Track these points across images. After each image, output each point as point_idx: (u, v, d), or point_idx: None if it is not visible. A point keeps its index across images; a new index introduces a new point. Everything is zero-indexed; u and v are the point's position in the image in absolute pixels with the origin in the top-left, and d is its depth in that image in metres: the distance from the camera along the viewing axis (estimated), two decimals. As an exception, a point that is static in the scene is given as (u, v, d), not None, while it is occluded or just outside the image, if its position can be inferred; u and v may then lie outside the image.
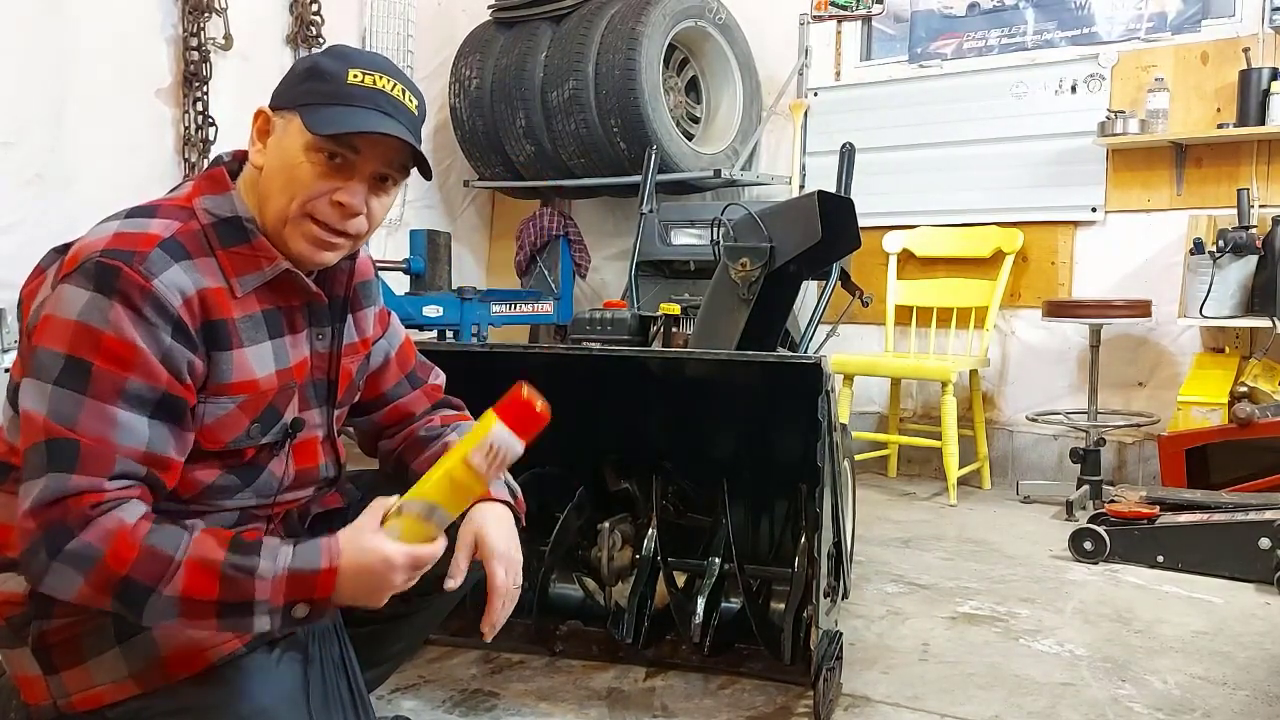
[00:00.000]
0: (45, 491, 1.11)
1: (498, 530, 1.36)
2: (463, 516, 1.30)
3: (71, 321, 1.14)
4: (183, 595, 1.12)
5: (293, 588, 1.14)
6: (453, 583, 1.31)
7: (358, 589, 1.17)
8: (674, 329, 2.78)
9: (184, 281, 1.19)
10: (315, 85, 1.26)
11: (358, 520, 1.20)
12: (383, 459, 1.58)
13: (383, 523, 1.18)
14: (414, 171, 1.33)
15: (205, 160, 3.81)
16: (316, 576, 1.15)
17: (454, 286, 4.19)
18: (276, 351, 1.30)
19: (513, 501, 1.44)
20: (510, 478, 1.46)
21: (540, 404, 1.14)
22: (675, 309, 2.78)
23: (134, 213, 1.24)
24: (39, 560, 1.11)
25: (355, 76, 1.25)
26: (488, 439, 1.13)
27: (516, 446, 1.15)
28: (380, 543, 1.16)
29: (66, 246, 1.23)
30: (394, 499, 1.20)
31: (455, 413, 1.58)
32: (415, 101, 1.30)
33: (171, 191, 1.32)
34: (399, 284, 4.12)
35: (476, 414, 1.38)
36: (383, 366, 1.53)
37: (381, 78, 1.27)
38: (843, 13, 4.48)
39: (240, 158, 1.34)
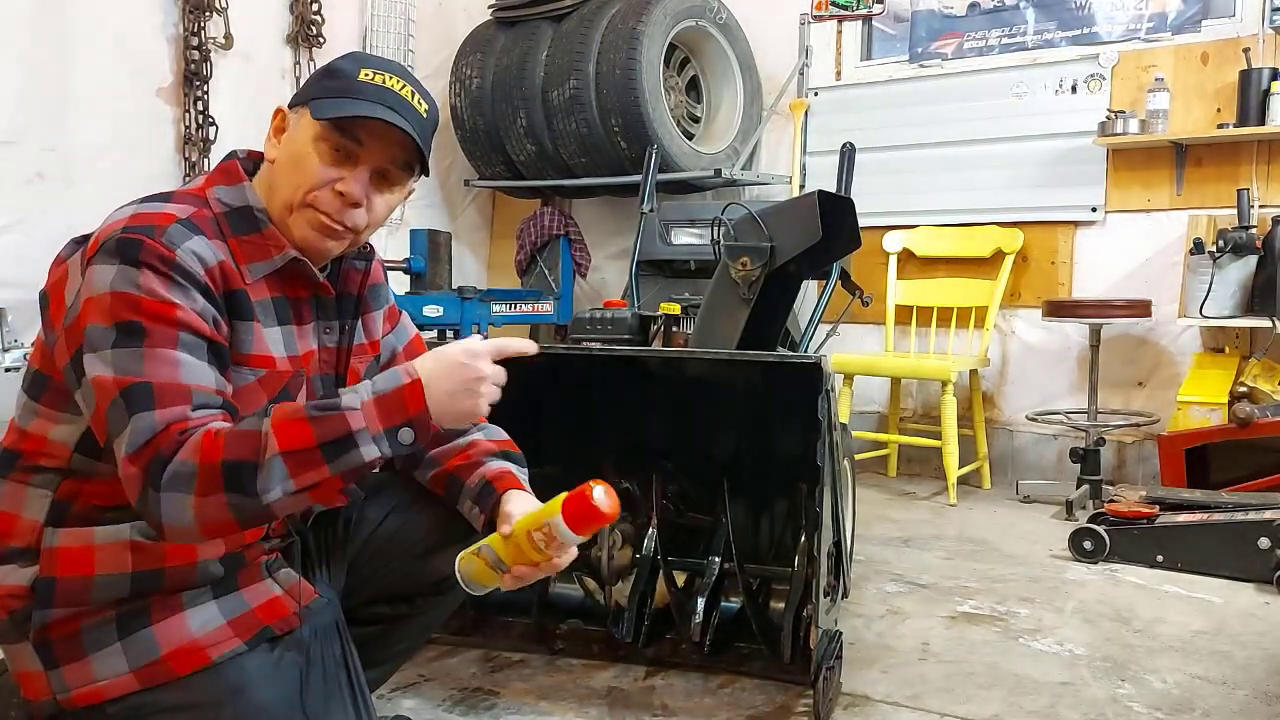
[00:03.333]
0: (135, 435, 1.14)
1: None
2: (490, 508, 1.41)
3: (107, 294, 1.17)
4: (284, 451, 1.13)
5: (384, 410, 1.17)
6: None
7: (452, 392, 1.20)
8: (674, 329, 2.78)
9: (204, 251, 1.23)
10: (327, 82, 1.31)
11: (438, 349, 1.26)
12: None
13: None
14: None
15: (206, 159, 3.81)
16: (403, 391, 1.18)
17: (454, 286, 4.19)
18: (286, 338, 1.33)
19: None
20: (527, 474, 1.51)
21: (609, 506, 1.21)
22: (675, 309, 2.78)
23: (150, 198, 1.28)
24: (150, 500, 1.13)
25: (366, 75, 1.30)
26: (549, 525, 1.23)
27: (573, 539, 1.24)
28: (457, 348, 1.21)
29: (86, 237, 1.26)
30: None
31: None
32: (426, 106, 1.33)
33: (185, 184, 1.36)
34: (399, 283, 4.12)
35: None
36: (390, 362, 1.53)
37: (392, 78, 1.31)
38: (843, 12, 4.48)
39: (255, 156, 1.38)
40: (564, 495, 1.23)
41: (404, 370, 1.20)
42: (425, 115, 1.33)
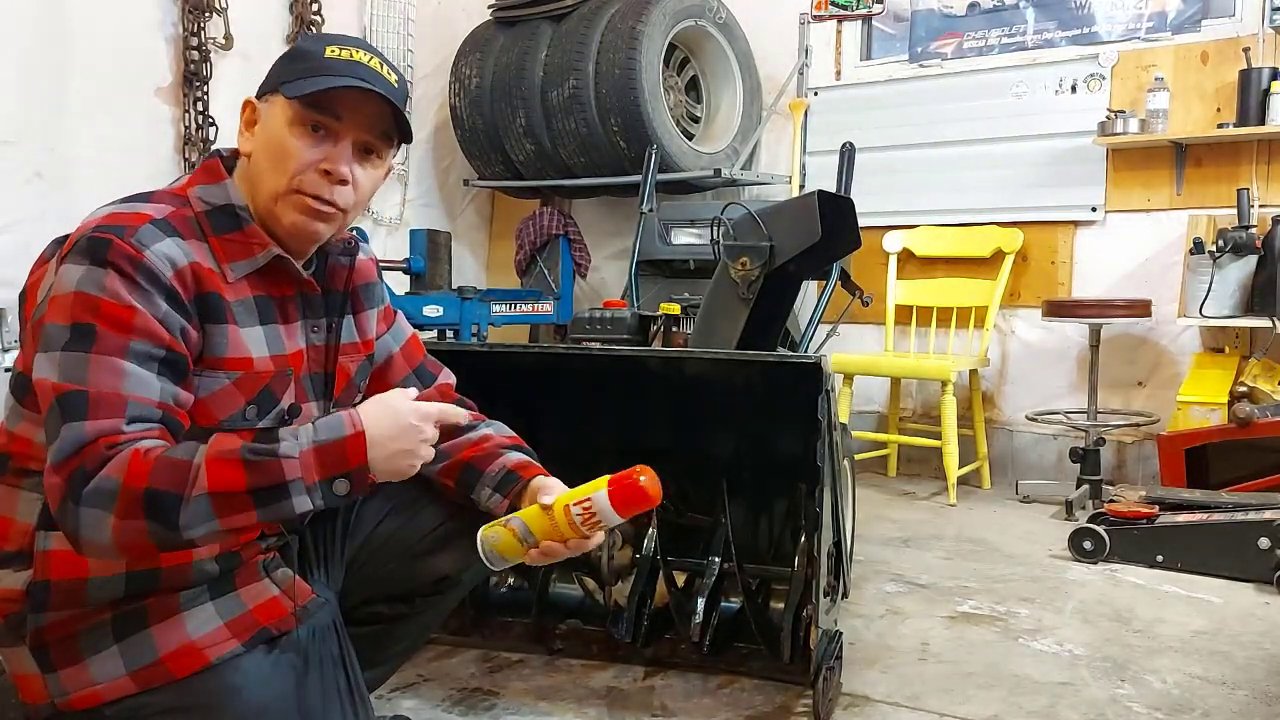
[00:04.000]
0: (63, 444, 1.12)
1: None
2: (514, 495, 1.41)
3: (70, 294, 1.17)
4: (211, 492, 1.11)
5: (324, 461, 1.15)
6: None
7: (395, 452, 1.19)
8: (674, 329, 2.78)
9: (175, 253, 1.21)
10: (295, 64, 1.30)
11: (380, 395, 1.24)
12: None
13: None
14: (412, 175, 1.34)
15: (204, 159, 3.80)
16: (345, 443, 1.16)
17: (454, 286, 4.19)
18: (270, 337, 1.31)
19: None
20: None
21: (654, 490, 1.24)
22: (675, 309, 2.78)
23: (130, 198, 1.28)
24: (69, 511, 1.11)
25: (333, 51, 1.29)
26: (592, 500, 1.24)
27: (612, 519, 1.25)
28: (401, 399, 1.20)
29: (66, 237, 1.25)
30: (411, 392, 1.26)
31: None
32: (395, 76, 1.33)
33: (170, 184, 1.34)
34: (399, 284, 4.12)
35: (483, 409, 1.41)
36: (387, 363, 1.54)
37: (359, 51, 1.30)
38: (843, 12, 4.48)
39: (235, 154, 1.36)
40: (608, 476, 1.24)
41: (348, 419, 1.18)
42: (396, 85, 1.32)
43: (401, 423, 1.19)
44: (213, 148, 3.79)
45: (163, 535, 1.12)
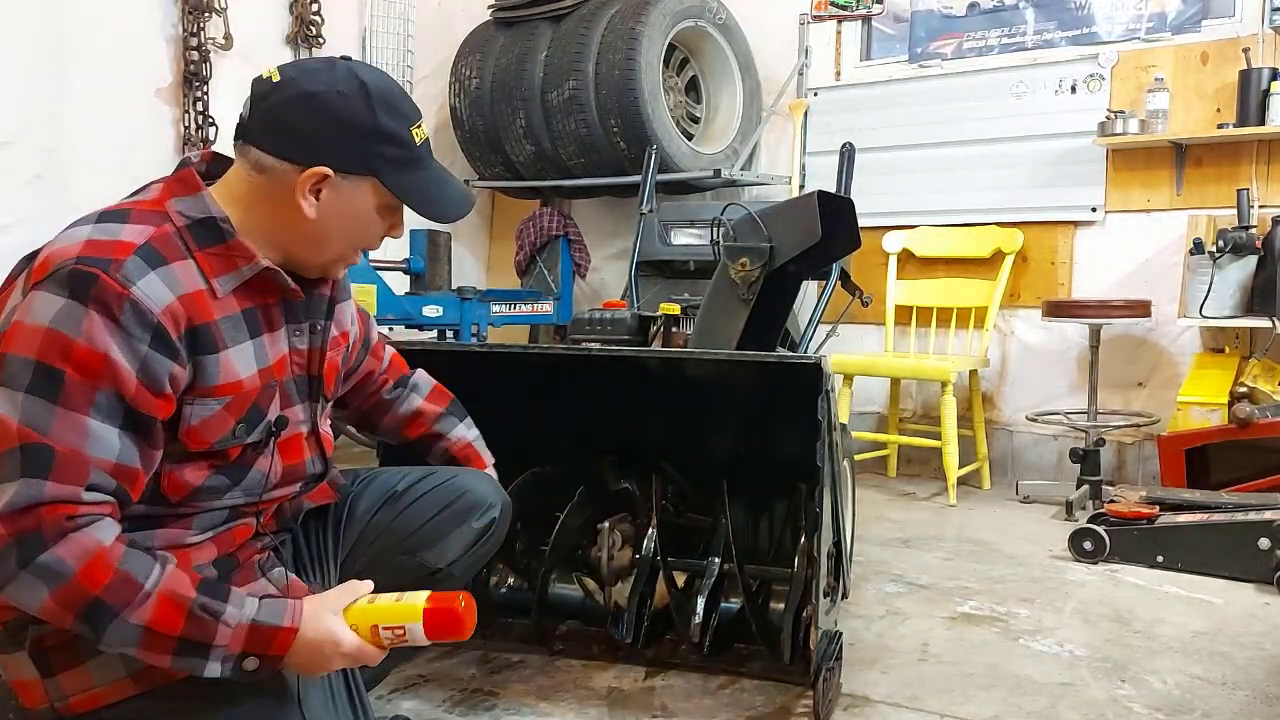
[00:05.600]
0: (18, 497, 1.09)
1: None
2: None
3: (42, 328, 1.12)
4: (148, 625, 1.12)
5: (252, 640, 1.16)
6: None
7: (304, 658, 1.21)
8: (674, 329, 2.78)
9: (162, 289, 1.18)
10: (388, 150, 1.28)
11: (327, 594, 1.26)
12: (357, 424, 1.75)
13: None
14: None
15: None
16: (277, 634, 1.18)
17: (454, 286, 4.19)
18: (257, 351, 1.30)
19: (493, 462, 1.71)
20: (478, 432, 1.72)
21: (470, 622, 1.25)
22: (675, 309, 2.78)
23: (104, 217, 1.22)
24: (7, 567, 1.09)
25: (418, 135, 1.31)
26: (404, 624, 1.24)
27: (421, 641, 1.25)
28: (338, 626, 1.21)
29: (35, 254, 1.20)
30: (365, 594, 1.27)
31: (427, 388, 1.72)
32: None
33: (137, 193, 1.29)
34: (399, 284, 4.12)
35: (469, 408, 1.44)
36: (362, 348, 1.62)
37: (420, 124, 1.33)
38: (843, 13, 4.48)
39: (207, 159, 1.34)
40: (425, 598, 1.24)
41: (290, 613, 1.19)
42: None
43: (324, 647, 1.21)
44: (213, 148, 3.80)
45: (83, 632, 1.13)
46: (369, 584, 1.28)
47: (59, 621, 1.13)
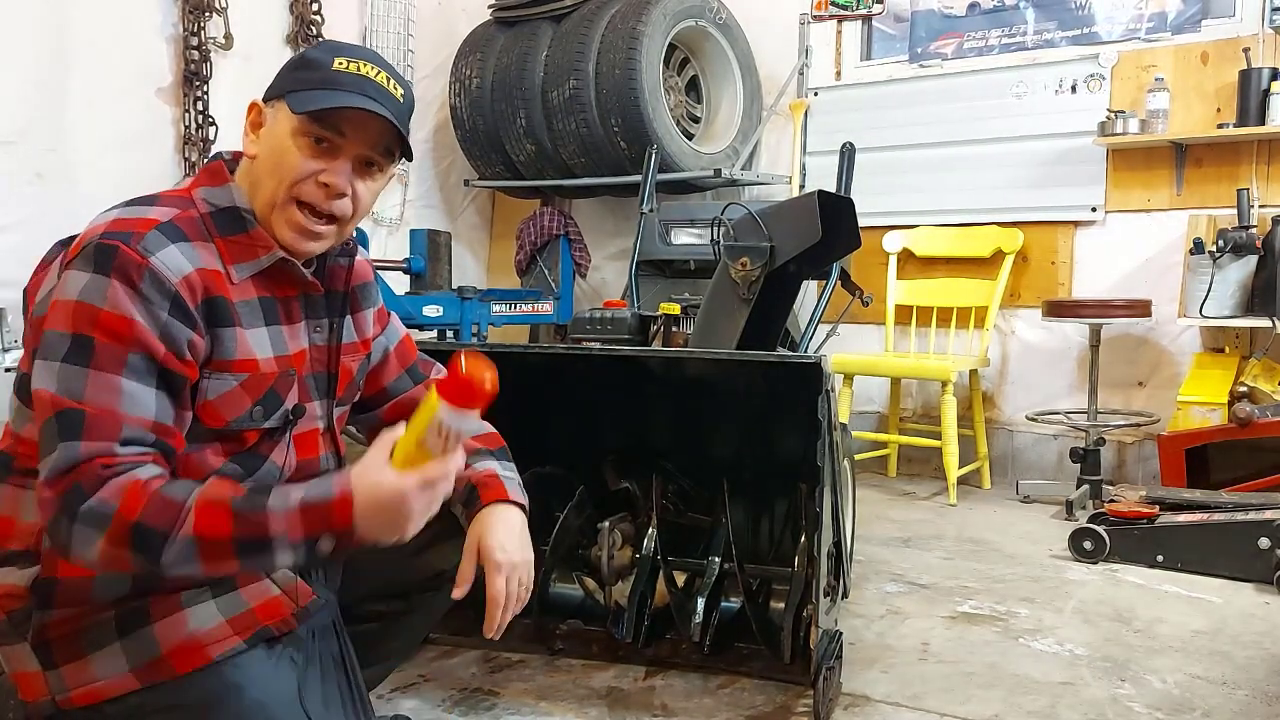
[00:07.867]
0: (59, 460, 1.14)
1: (503, 535, 1.38)
2: (470, 517, 1.37)
3: (73, 302, 1.18)
4: (197, 535, 1.13)
5: (309, 520, 1.15)
6: (459, 591, 1.34)
7: (378, 520, 1.17)
8: (674, 329, 2.78)
9: (180, 260, 1.22)
10: (303, 74, 1.30)
11: (366, 455, 1.20)
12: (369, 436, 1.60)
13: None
14: (413, 175, 1.35)
15: (205, 160, 3.80)
16: (331, 504, 1.16)
17: (454, 286, 4.19)
18: (274, 338, 1.32)
19: (523, 502, 1.45)
20: (517, 475, 1.50)
21: (480, 369, 1.10)
22: (675, 309, 2.78)
23: (135, 201, 1.28)
24: (61, 527, 1.13)
25: (341, 64, 1.29)
26: (436, 420, 1.12)
27: (467, 425, 1.13)
28: (389, 475, 1.15)
29: (71, 239, 1.26)
30: (399, 430, 1.18)
31: None
32: (402, 91, 1.33)
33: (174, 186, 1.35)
34: (399, 284, 4.12)
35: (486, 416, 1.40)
36: (382, 362, 1.55)
37: (367, 65, 1.31)
38: (843, 12, 4.48)
39: (237, 157, 1.37)
40: (434, 389, 1.13)
41: (338, 483, 1.16)
42: (402, 100, 1.32)
43: (388, 501, 1.15)
44: (213, 149, 3.80)
45: (144, 565, 1.14)
46: (399, 426, 1.20)
47: (120, 565, 1.15)
